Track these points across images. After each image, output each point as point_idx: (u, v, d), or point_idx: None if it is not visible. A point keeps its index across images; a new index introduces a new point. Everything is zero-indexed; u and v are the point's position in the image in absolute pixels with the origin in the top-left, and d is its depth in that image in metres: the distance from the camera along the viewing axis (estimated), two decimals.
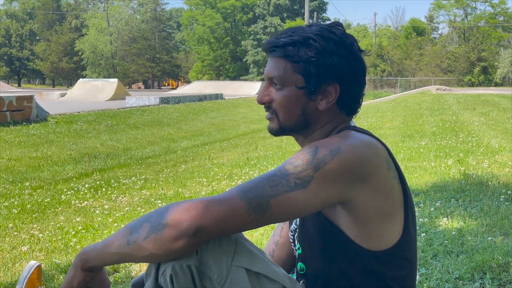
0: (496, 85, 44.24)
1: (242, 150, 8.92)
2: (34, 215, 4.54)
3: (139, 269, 2.89)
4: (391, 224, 1.33)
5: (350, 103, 1.40)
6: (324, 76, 1.34)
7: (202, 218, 1.15)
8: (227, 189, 5.13)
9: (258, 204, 1.19)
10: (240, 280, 1.23)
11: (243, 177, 5.78)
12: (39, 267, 1.51)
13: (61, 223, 4.17)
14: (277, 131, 1.43)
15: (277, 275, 1.28)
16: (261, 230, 3.45)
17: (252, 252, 1.28)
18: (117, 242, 1.23)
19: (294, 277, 1.54)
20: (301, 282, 1.47)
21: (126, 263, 2.93)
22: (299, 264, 1.49)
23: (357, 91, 1.40)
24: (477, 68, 46.74)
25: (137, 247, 1.20)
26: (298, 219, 1.51)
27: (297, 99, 1.37)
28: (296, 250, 1.53)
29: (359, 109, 1.44)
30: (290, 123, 1.40)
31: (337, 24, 1.40)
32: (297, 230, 1.50)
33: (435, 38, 59.56)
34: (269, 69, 1.40)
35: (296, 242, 1.53)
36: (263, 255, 1.31)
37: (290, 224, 1.61)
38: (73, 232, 3.82)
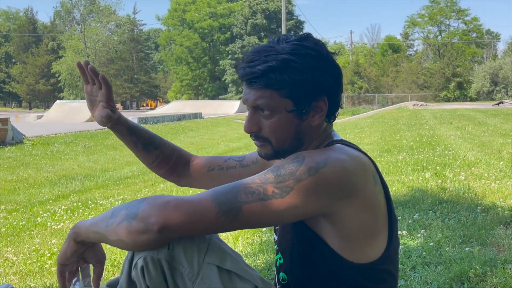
0: (472, 99, 45.02)
1: None
2: (8, 238, 4.44)
3: None
4: (375, 240, 1.31)
5: (335, 111, 1.39)
6: (312, 94, 1.30)
7: (169, 217, 1.15)
8: None
9: (229, 209, 1.17)
10: (211, 277, 1.22)
11: None
12: None
13: (36, 246, 4.09)
14: (272, 156, 1.39)
15: (249, 275, 1.27)
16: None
17: (225, 251, 1.27)
18: (100, 223, 1.25)
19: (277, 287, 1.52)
20: None
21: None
22: (281, 274, 1.47)
23: (339, 98, 1.38)
24: (453, 84, 47.51)
25: (111, 230, 1.21)
26: (279, 228, 1.49)
27: (289, 123, 1.32)
28: (277, 260, 1.51)
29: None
30: (284, 145, 1.36)
31: (307, 36, 1.35)
32: (278, 239, 1.48)
33: (411, 54, 60.54)
34: (253, 98, 1.32)
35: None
36: (238, 257, 1.30)
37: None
38: (49, 254, 3.74)
